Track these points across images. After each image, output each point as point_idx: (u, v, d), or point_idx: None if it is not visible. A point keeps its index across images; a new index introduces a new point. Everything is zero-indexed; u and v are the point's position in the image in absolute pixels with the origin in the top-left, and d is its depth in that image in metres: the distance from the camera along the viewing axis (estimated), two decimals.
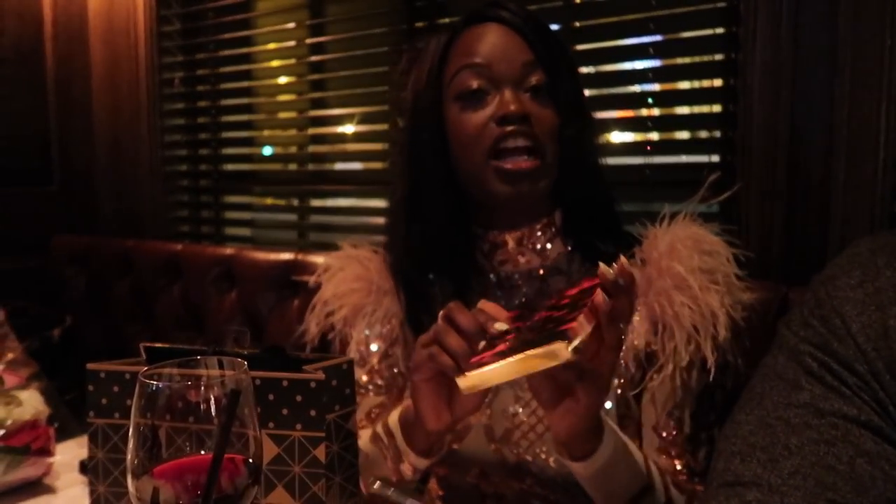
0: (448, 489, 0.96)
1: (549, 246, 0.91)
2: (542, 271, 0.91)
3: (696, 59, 1.46)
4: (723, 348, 0.82)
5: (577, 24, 1.54)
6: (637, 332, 0.84)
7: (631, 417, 0.85)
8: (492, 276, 0.93)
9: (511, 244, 0.91)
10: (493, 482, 0.90)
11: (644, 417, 0.85)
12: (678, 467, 0.82)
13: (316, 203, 2.17)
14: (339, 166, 2.13)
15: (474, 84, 0.85)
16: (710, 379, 0.82)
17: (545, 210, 0.91)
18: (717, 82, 1.41)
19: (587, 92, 1.23)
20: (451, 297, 0.94)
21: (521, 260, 0.91)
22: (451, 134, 0.88)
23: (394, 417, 0.85)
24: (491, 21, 0.88)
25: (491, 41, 0.87)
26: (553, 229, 0.91)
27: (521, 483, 0.87)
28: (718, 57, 1.39)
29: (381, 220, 1.69)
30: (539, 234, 0.91)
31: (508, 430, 0.87)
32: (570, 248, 0.91)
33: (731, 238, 0.88)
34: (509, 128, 0.84)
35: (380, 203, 2.02)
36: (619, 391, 0.85)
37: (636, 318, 0.85)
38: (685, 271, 0.82)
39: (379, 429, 0.86)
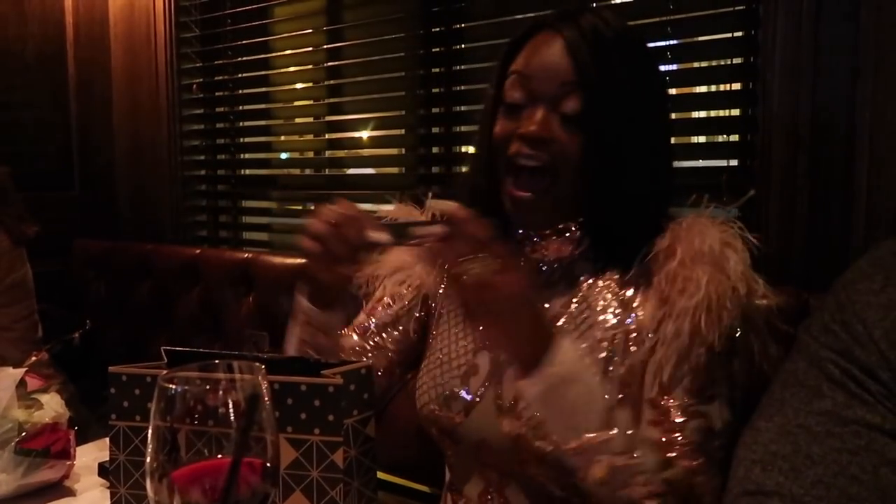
0: (454, 468, 0.98)
1: (577, 239, 0.94)
2: (569, 259, 0.94)
3: (714, 62, 1.45)
4: (728, 330, 0.83)
5: None
6: (642, 307, 0.88)
7: (630, 396, 0.86)
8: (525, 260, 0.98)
9: (538, 239, 0.95)
10: (498, 458, 0.92)
11: (644, 391, 0.86)
12: (664, 440, 0.82)
13: None
14: (356, 171, 2.14)
15: (515, 95, 0.91)
16: (712, 356, 0.83)
17: (572, 212, 0.93)
18: (736, 85, 1.40)
19: None
20: None
21: (551, 248, 0.95)
22: (493, 129, 0.94)
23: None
24: (553, 32, 0.90)
25: (542, 53, 0.90)
26: (580, 227, 0.94)
27: (521, 461, 0.89)
28: (737, 60, 1.38)
29: None
30: (565, 230, 0.94)
31: (515, 401, 0.89)
32: (596, 239, 0.94)
33: (754, 241, 0.89)
34: (526, 149, 0.89)
35: None
36: (610, 368, 0.86)
37: (639, 296, 0.88)
38: (695, 255, 0.84)
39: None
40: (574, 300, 0.92)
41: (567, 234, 0.94)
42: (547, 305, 0.93)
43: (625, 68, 0.89)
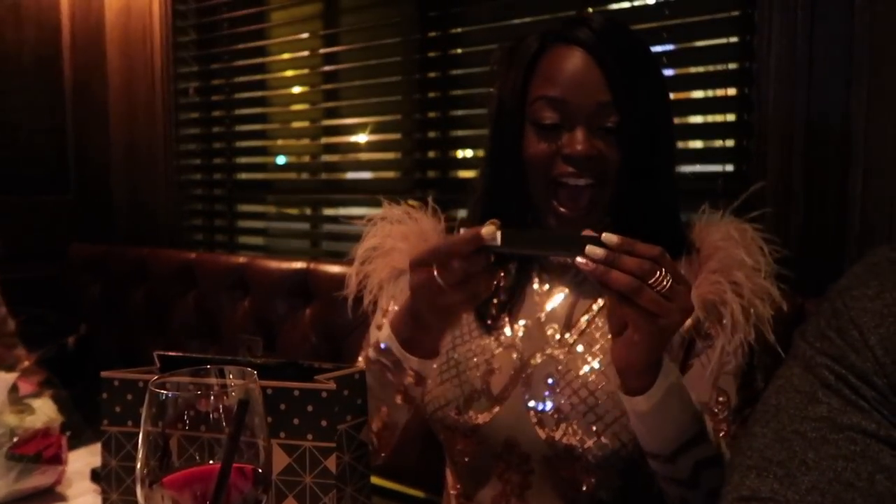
0: (469, 472, 0.96)
1: None
2: None
3: (710, 68, 1.45)
4: (765, 330, 0.88)
5: None
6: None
7: None
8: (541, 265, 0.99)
9: None
10: (520, 458, 0.92)
11: (693, 392, 0.88)
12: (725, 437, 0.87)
13: (328, 212, 2.17)
14: (352, 175, 2.14)
15: (549, 118, 0.90)
16: (751, 359, 0.89)
17: (604, 216, 0.94)
18: (732, 91, 1.40)
19: None
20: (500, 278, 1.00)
21: None
22: (524, 149, 0.93)
23: (385, 333, 0.89)
24: (575, 44, 0.89)
25: (571, 72, 0.89)
26: (606, 228, 0.94)
27: (554, 462, 0.89)
28: (732, 66, 1.39)
29: None
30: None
31: (557, 410, 0.90)
32: None
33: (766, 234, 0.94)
34: (572, 169, 0.89)
35: None
36: None
37: None
38: (736, 256, 0.88)
39: (370, 352, 0.90)
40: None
41: None
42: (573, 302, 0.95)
43: (646, 72, 0.91)
